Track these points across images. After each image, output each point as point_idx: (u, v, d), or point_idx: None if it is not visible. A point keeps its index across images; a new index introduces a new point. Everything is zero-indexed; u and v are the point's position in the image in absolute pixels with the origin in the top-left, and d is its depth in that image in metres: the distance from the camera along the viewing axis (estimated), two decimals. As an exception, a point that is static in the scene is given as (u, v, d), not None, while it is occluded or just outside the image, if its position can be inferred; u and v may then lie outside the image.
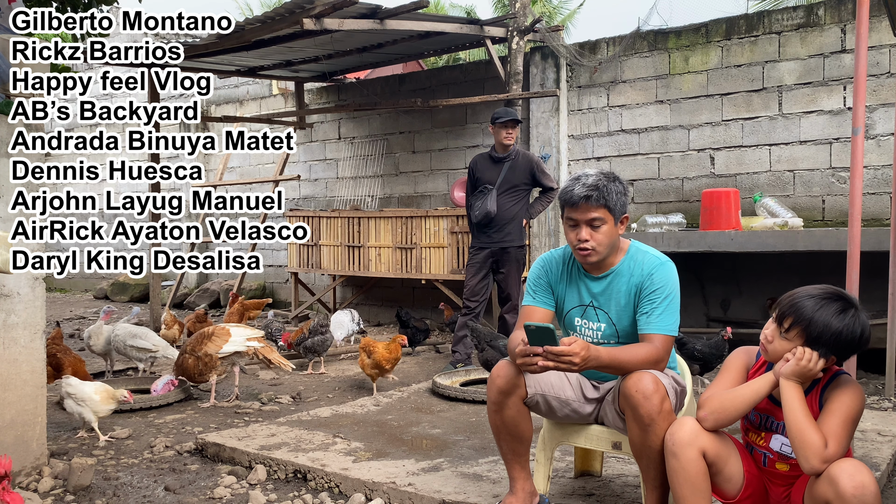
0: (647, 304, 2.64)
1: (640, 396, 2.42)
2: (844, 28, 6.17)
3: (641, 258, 2.71)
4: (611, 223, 2.66)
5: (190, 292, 10.93)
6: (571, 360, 2.39)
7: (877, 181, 6.07)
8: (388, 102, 8.30)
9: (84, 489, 3.36)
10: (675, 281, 2.68)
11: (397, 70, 10.37)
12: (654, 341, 2.59)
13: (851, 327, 2.15)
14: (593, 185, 2.63)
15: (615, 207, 2.65)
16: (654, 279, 2.65)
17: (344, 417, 4.36)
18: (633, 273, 2.70)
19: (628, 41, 7.15)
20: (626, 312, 2.71)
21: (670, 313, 2.62)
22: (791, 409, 2.11)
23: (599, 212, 2.64)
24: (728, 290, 6.62)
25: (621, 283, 2.71)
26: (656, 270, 2.66)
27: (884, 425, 4.05)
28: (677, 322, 2.65)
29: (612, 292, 2.73)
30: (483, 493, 3.05)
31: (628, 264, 2.72)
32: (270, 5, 18.55)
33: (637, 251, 2.75)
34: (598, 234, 2.65)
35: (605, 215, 2.64)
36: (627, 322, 2.71)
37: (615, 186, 2.65)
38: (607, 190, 2.63)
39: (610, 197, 2.63)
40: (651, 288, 2.64)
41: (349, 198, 9.35)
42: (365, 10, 6.31)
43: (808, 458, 2.05)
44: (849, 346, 2.17)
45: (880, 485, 3.26)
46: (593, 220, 2.64)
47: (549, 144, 7.59)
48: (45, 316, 3.52)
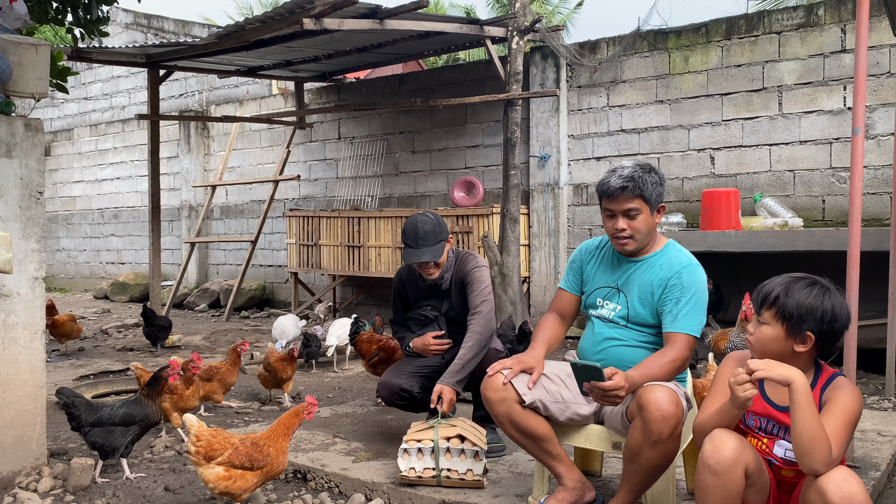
0: (672, 303, 2.67)
1: (657, 415, 2.43)
2: (844, 28, 6.17)
3: (675, 255, 2.78)
4: (647, 213, 2.74)
5: (190, 292, 10.93)
6: (618, 394, 2.45)
7: (877, 181, 6.07)
8: (388, 102, 8.30)
9: (84, 489, 3.36)
10: (703, 283, 2.73)
11: (397, 70, 10.36)
12: (678, 341, 2.64)
13: (821, 297, 2.16)
14: (629, 176, 2.71)
15: (651, 198, 2.72)
16: (682, 278, 2.70)
17: (344, 417, 4.36)
18: (663, 267, 2.75)
19: (628, 41, 7.15)
20: (646, 302, 2.75)
21: (696, 314, 2.67)
22: (802, 409, 2.03)
23: (636, 202, 2.72)
24: (728, 290, 6.61)
25: (651, 273, 2.76)
26: (686, 270, 2.72)
27: (884, 425, 4.05)
28: (702, 323, 2.69)
29: (638, 278, 2.78)
30: (483, 494, 3.05)
31: (661, 258, 2.78)
32: (270, 5, 18.55)
33: (672, 248, 2.82)
34: (634, 223, 2.74)
35: (640, 205, 2.73)
36: (643, 311, 2.75)
37: (651, 177, 2.73)
38: (643, 181, 2.71)
39: (646, 188, 2.71)
40: (679, 286, 2.69)
41: (349, 198, 9.35)
42: (365, 9, 6.30)
43: (814, 460, 2.01)
44: (823, 318, 2.15)
45: (880, 485, 3.26)
46: (630, 210, 2.73)
47: (548, 144, 7.59)
48: (45, 316, 3.52)
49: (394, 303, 3.97)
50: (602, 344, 2.81)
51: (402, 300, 3.92)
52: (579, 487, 2.77)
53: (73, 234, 13.55)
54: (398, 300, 3.94)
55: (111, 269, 12.86)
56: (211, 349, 7.15)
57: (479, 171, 8.26)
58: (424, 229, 3.57)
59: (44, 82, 3.43)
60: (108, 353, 7.01)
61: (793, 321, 2.16)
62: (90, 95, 13.84)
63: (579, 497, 2.76)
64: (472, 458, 3.11)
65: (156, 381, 3.60)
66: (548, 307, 3.12)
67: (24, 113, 3.56)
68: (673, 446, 2.49)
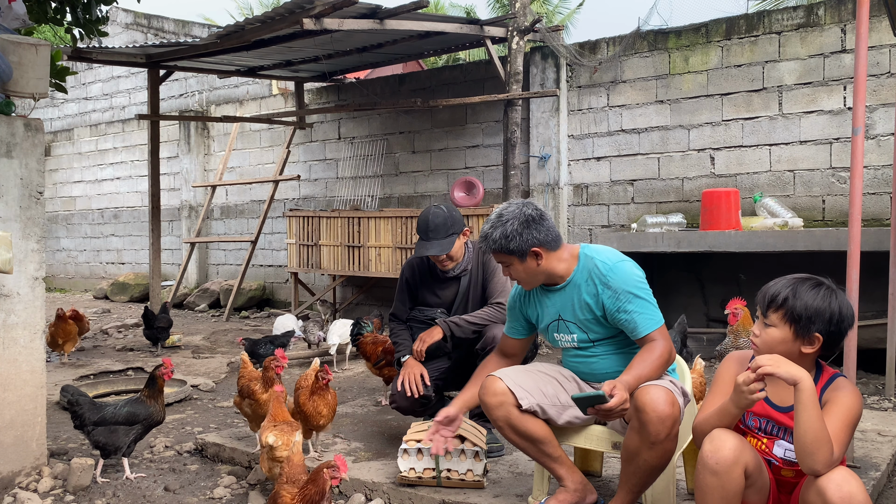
0: (622, 314, 2.64)
1: (654, 416, 2.43)
2: (844, 28, 6.17)
3: (591, 266, 2.72)
4: (517, 263, 2.73)
5: (190, 292, 10.93)
6: (623, 408, 2.44)
7: (877, 181, 6.07)
8: (388, 102, 8.30)
9: (84, 489, 3.36)
10: (633, 275, 2.67)
11: (397, 70, 10.36)
12: (653, 339, 2.61)
13: (828, 298, 2.16)
14: (483, 235, 2.74)
15: (511, 251, 2.69)
16: (610, 286, 2.65)
17: (344, 417, 4.36)
18: (587, 283, 2.71)
19: (628, 41, 7.15)
20: (593, 319, 2.72)
21: (647, 307, 2.63)
22: (808, 410, 2.02)
23: (499, 257, 2.76)
24: (728, 290, 6.59)
25: (580, 292, 2.73)
26: (610, 277, 2.66)
27: (884, 425, 4.05)
28: (657, 309, 2.66)
29: (572, 302, 2.76)
30: (483, 494, 3.05)
31: (581, 274, 2.74)
32: (270, 5, 18.56)
33: (587, 258, 2.75)
34: (511, 272, 2.77)
35: (505, 259, 2.74)
36: (597, 327, 2.73)
37: (507, 229, 2.68)
38: (493, 239, 2.71)
39: (499, 245, 2.70)
40: (614, 296, 2.64)
41: (349, 198, 9.35)
42: (365, 10, 6.30)
43: (816, 461, 2.00)
44: (831, 319, 2.15)
45: (880, 485, 3.26)
46: (501, 262, 2.78)
47: (549, 144, 7.59)
48: (45, 316, 3.52)
49: (399, 294, 3.85)
50: (587, 369, 2.83)
51: (410, 291, 3.82)
52: (580, 489, 2.76)
53: (73, 234, 13.55)
54: (405, 292, 3.83)
55: (111, 269, 12.87)
56: (211, 349, 7.15)
57: (479, 171, 8.26)
58: (435, 222, 3.54)
59: (44, 82, 3.43)
60: (108, 353, 7.01)
61: (801, 323, 2.16)
62: (90, 95, 13.84)
63: (580, 499, 2.76)
64: (473, 459, 3.11)
65: (152, 381, 3.57)
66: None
67: (24, 113, 3.56)
68: (671, 446, 2.49)
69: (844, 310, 2.17)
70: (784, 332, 2.19)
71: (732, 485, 2.13)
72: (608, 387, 2.43)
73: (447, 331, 3.53)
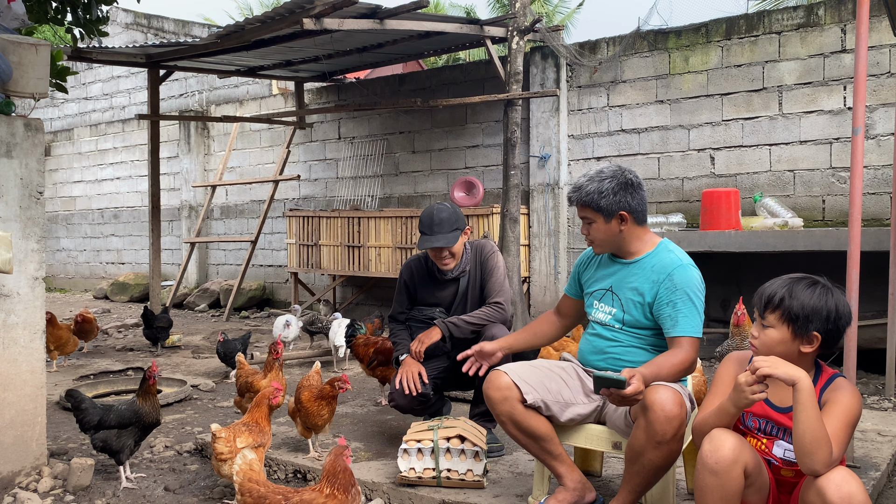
0: (669, 307, 2.65)
1: (662, 415, 2.43)
2: (844, 28, 6.17)
3: (665, 256, 2.75)
4: (600, 221, 2.74)
5: (190, 292, 10.93)
6: (637, 398, 2.44)
7: (877, 181, 6.07)
8: (388, 102, 8.30)
9: (84, 489, 3.36)
10: (697, 282, 2.69)
11: (397, 70, 10.36)
12: (683, 345, 2.61)
13: (824, 297, 2.16)
14: (576, 186, 2.76)
15: (599, 207, 2.71)
16: (674, 279, 2.66)
17: (344, 417, 4.36)
18: (654, 269, 2.72)
19: (628, 41, 7.15)
20: (639, 304, 2.73)
21: (694, 315, 2.64)
22: (807, 410, 2.02)
23: (585, 211, 2.77)
24: (728, 290, 6.61)
25: (642, 274, 2.74)
26: (677, 271, 2.68)
27: (884, 425, 4.04)
28: (701, 323, 2.67)
29: (630, 280, 2.77)
30: (483, 494, 3.05)
31: (652, 260, 2.76)
32: (270, 5, 18.56)
33: (664, 249, 2.78)
34: (590, 230, 2.79)
35: (590, 215, 2.76)
36: (637, 314, 2.73)
37: (602, 185, 2.71)
38: (586, 191, 2.72)
39: (590, 198, 2.72)
40: (671, 288, 2.65)
41: (349, 198, 9.35)
42: (365, 9, 6.30)
43: (815, 461, 2.00)
44: (828, 317, 2.15)
45: (880, 485, 3.26)
46: (584, 218, 2.79)
47: (549, 144, 7.59)
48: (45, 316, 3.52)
49: (398, 295, 3.85)
50: (600, 347, 2.81)
51: (409, 293, 3.82)
52: (580, 488, 2.76)
53: (73, 234, 13.55)
54: (404, 293, 3.83)
55: (111, 269, 12.86)
56: (211, 349, 7.15)
57: (479, 171, 8.26)
58: (440, 216, 3.59)
59: (44, 82, 3.43)
60: (108, 353, 7.02)
61: (799, 322, 2.16)
62: (90, 95, 13.84)
63: (580, 498, 2.76)
64: (473, 459, 3.11)
65: (143, 382, 3.54)
66: (548, 307, 3.14)
67: (24, 113, 3.56)
68: (676, 447, 2.49)
69: (841, 307, 2.17)
70: (782, 333, 2.19)
71: (732, 484, 2.13)
72: (628, 374, 2.43)
73: (446, 331, 3.54)
